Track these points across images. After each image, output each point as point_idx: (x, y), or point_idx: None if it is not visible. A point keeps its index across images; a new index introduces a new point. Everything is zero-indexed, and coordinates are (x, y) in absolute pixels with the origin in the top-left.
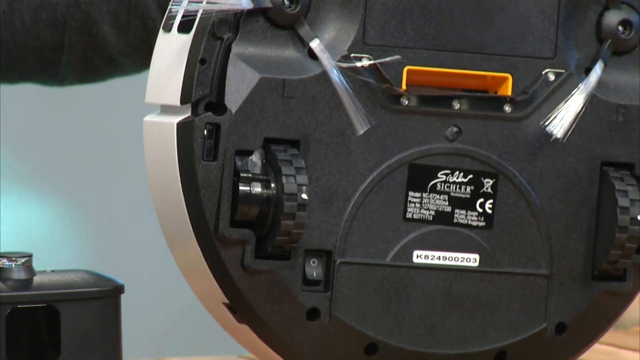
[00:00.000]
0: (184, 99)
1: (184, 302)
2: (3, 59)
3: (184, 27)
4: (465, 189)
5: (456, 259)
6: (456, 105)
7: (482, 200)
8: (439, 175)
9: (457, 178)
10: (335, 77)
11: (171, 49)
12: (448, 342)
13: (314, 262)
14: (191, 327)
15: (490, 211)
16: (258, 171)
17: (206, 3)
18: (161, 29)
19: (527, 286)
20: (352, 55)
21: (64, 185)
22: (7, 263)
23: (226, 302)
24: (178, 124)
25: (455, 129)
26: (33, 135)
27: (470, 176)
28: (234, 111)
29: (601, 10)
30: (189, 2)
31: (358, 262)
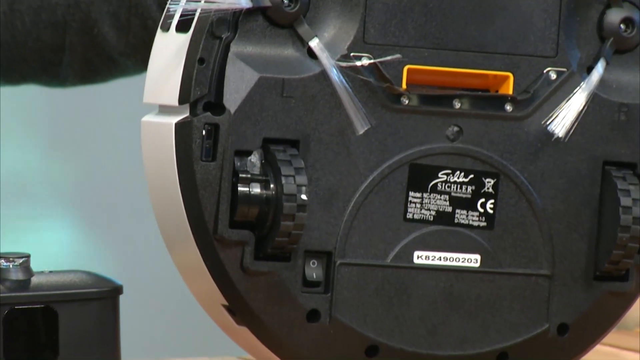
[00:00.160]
0: (182, 99)
1: (183, 303)
2: (4, 60)
3: (182, 27)
4: (466, 189)
5: (457, 260)
6: (457, 105)
7: (483, 200)
8: (439, 175)
9: (458, 178)
10: (335, 76)
11: (169, 49)
12: (449, 344)
13: (314, 263)
14: (190, 328)
15: (491, 211)
16: (257, 172)
17: (204, 2)
18: (159, 29)
19: (528, 287)
20: (352, 54)
21: (63, 186)
22: (5, 264)
23: (225, 303)
24: (176, 124)
25: (456, 129)
26: (31, 135)
27: (471, 176)
28: (232, 111)
29: (603, 9)
30: (187, 1)
31: (358, 263)
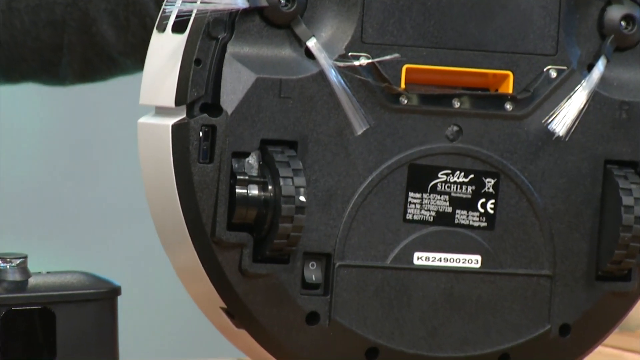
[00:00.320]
0: (178, 101)
1: (181, 305)
2: (3, 60)
3: (178, 27)
4: (467, 189)
5: (457, 261)
6: (456, 104)
7: (483, 200)
8: (439, 175)
9: (458, 178)
10: (333, 76)
11: (165, 50)
12: (450, 345)
13: (312, 265)
14: (188, 330)
15: (491, 211)
16: (255, 173)
17: (201, 2)
18: (155, 29)
19: (530, 287)
20: (350, 54)
21: (60, 186)
22: (2, 264)
23: (224, 306)
24: (173, 125)
25: (455, 128)
26: (29, 135)
27: (472, 176)
28: (230, 112)
29: (603, 6)
30: (183, 1)
31: (358, 264)
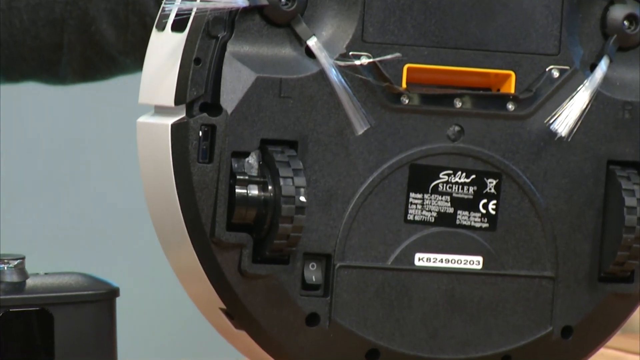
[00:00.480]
0: (178, 100)
1: (180, 306)
2: (3, 59)
3: (178, 26)
4: (468, 189)
5: (459, 262)
6: (458, 104)
7: (485, 201)
8: (440, 175)
9: (460, 178)
10: (334, 76)
11: (165, 49)
12: (451, 347)
13: (313, 266)
14: (187, 331)
15: (493, 212)
16: (255, 173)
17: (200, 1)
18: (154, 28)
19: (532, 289)
20: (350, 53)
21: (58, 187)
22: (0, 265)
23: (223, 307)
24: (172, 125)
25: (457, 128)
26: (26, 135)
27: (473, 176)
28: (229, 112)
29: (606, 5)
30: (183, 0)
31: (358, 265)
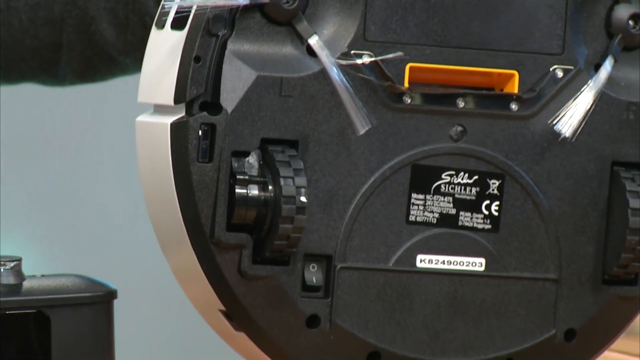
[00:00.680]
0: (177, 99)
1: (179, 308)
2: (2, 60)
3: (178, 24)
4: (471, 190)
5: (461, 263)
6: (461, 104)
7: (488, 202)
8: (443, 176)
9: (462, 179)
10: (335, 74)
11: (164, 47)
12: (453, 350)
13: (313, 267)
14: (186, 334)
15: (496, 213)
16: (255, 173)
17: None
18: (154, 26)
19: (535, 291)
20: (352, 52)
21: (56, 187)
22: None
23: (222, 309)
24: (172, 124)
25: (459, 128)
26: (24, 135)
27: (476, 177)
28: (229, 111)
29: (611, 4)
30: None
31: (359, 267)
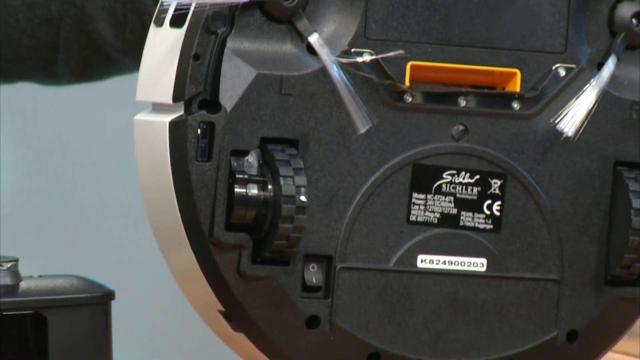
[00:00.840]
0: (176, 97)
1: (177, 308)
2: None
3: (177, 21)
4: (472, 190)
5: (462, 264)
6: (462, 103)
7: (489, 202)
8: (444, 175)
9: (464, 179)
10: (335, 73)
11: (163, 44)
12: (454, 351)
13: (313, 267)
14: (185, 335)
15: (498, 213)
16: (255, 172)
17: None
18: (152, 23)
19: (536, 292)
20: (352, 50)
21: (53, 187)
22: None
23: (221, 309)
24: (170, 123)
25: (461, 127)
26: (23, 135)
27: (477, 177)
28: (229, 109)
29: (614, 3)
30: None
31: (360, 267)
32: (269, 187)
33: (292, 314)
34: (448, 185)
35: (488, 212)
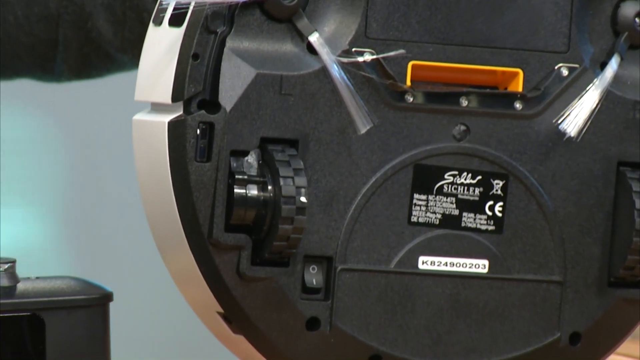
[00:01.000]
0: (175, 97)
1: (176, 310)
2: None
3: (176, 20)
4: (474, 190)
5: (464, 265)
6: (464, 102)
7: (491, 202)
8: (445, 176)
9: (465, 179)
10: (336, 72)
11: (162, 44)
12: (455, 353)
13: (313, 268)
14: (184, 337)
15: (500, 214)
16: (254, 173)
17: None
18: (151, 22)
19: (539, 294)
20: (353, 49)
21: (51, 187)
22: None
23: (221, 311)
24: (169, 123)
25: (463, 128)
26: (22, 135)
27: (479, 177)
28: (228, 109)
29: (617, 1)
30: None
31: (360, 268)
32: (269, 187)
33: (292, 315)
34: (450, 185)
35: (490, 213)
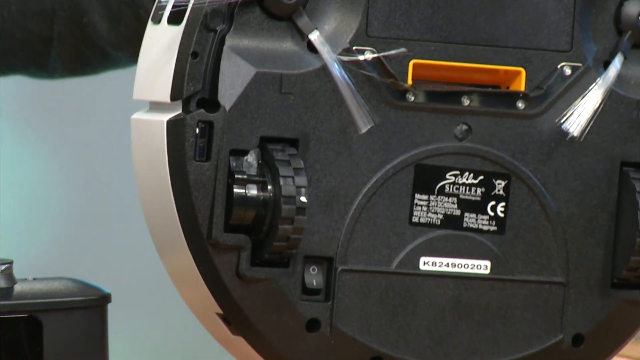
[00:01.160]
0: (174, 95)
1: (175, 311)
2: None
3: (175, 18)
4: (476, 191)
5: (466, 266)
6: (466, 102)
7: (493, 203)
8: (447, 176)
9: (467, 179)
10: (337, 71)
11: (161, 42)
12: (457, 355)
13: (313, 269)
14: (182, 338)
15: (502, 215)
16: (254, 172)
17: None
18: (150, 20)
19: (541, 295)
20: (354, 48)
21: (48, 188)
22: None
23: (220, 312)
24: (168, 122)
25: (464, 127)
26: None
27: (481, 177)
28: (228, 108)
29: (621, 0)
30: None
31: (361, 269)
32: (269, 187)
33: (292, 317)
34: (451, 185)
35: (492, 214)
